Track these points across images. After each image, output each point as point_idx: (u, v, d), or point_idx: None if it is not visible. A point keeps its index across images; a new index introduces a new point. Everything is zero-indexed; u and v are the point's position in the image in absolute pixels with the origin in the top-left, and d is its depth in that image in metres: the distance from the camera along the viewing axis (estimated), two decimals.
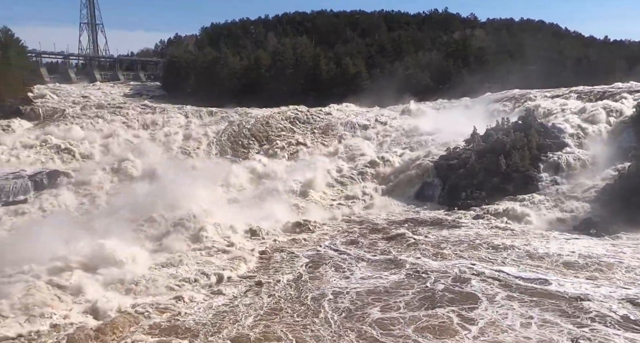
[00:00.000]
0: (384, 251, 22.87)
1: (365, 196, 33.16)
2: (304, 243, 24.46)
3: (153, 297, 17.58)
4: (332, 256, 22.33)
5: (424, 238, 24.47)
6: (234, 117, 48.56)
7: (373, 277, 19.70)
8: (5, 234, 25.37)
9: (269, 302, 17.44)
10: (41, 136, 41.05)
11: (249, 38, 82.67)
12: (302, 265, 21.29)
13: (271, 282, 19.34)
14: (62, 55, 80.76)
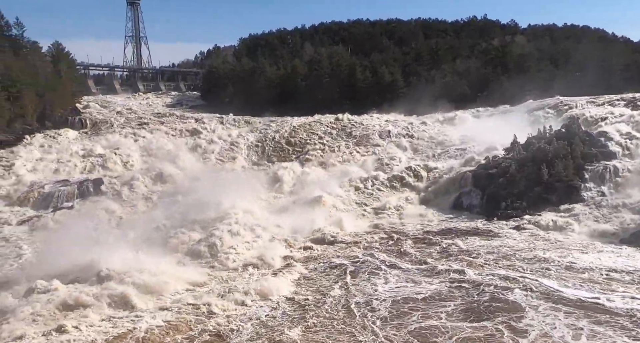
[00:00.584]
0: (420, 260, 22.43)
1: (401, 205, 32.70)
2: (338, 252, 24.34)
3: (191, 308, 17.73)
4: (368, 265, 22.08)
5: (463, 248, 23.86)
6: (270, 125, 49.22)
7: (410, 286, 19.37)
8: (52, 240, 26.44)
9: (308, 310, 17.38)
10: (87, 145, 42.86)
11: (285, 48, 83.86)
12: (338, 273, 21.18)
13: (309, 291, 19.32)
14: (108, 67, 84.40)
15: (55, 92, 48.99)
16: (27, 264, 22.28)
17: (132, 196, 34.41)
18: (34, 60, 50.96)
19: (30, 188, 34.61)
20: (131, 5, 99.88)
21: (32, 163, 38.52)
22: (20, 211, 32.17)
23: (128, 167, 40.33)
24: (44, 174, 37.47)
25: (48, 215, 30.62)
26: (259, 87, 62.09)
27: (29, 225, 29.65)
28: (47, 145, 41.99)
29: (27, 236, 27.69)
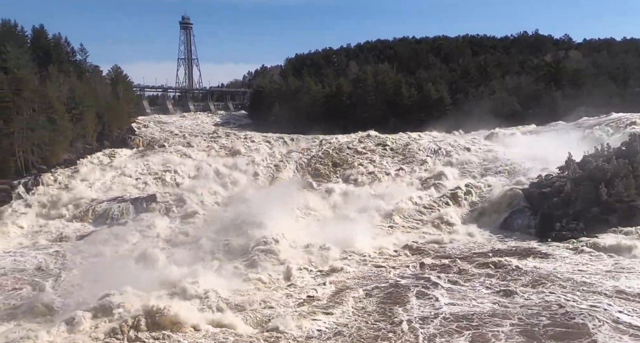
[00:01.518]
0: (470, 280, 21.82)
1: (448, 224, 31.96)
2: (386, 269, 24.04)
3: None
4: (415, 283, 21.71)
5: (516, 269, 22.96)
6: (316, 143, 49.67)
7: (462, 305, 18.91)
8: (110, 255, 27.68)
9: (357, 327, 17.25)
10: (141, 163, 44.77)
11: (330, 67, 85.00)
12: (384, 291, 20.89)
13: (357, 307, 19.18)
14: (162, 88, 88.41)
15: (114, 112, 51.83)
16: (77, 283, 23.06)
17: (182, 213, 35.44)
18: (95, 83, 54.30)
19: (89, 204, 36.47)
20: (184, 29, 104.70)
21: (91, 180, 40.61)
22: (79, 227, 33.90)
23: (178, 185, 41.68)
24: (101, 191, 39.39)
25: (105, 231, 32.07)
26: (304, 105, 63.05)
27: (86, 240, 31.11)
28: (105, 164, 44.20)
29: (83, 251, 29.04)
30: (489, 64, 67.27)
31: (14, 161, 39.25)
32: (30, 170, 39.97)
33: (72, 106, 45.24)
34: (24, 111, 40.32)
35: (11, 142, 39.34)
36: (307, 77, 72.37)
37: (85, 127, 46.61)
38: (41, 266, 26.20)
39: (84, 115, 46.34)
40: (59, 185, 38.86)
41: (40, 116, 41.07)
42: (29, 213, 35.21)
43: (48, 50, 53.81)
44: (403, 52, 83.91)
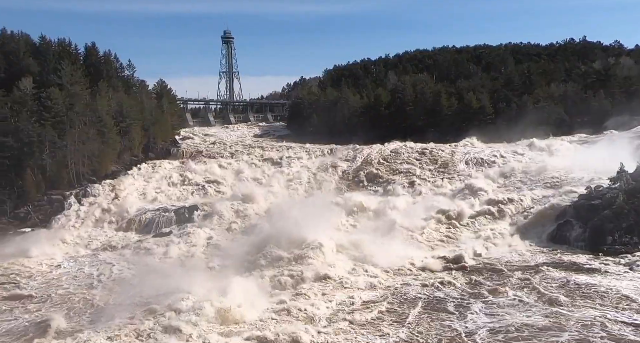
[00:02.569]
0: (517, 294, 21.33)
1: (491, 236, 31.05)
2: (425, 281, 23.71)
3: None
4: (459, 296, 21.36)
5: (565, 283, 22.07)
6: (354, 154, 49.57)
7: (510, 318, 18.58)
8: (156, 263, 28.54)
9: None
10: (184, 174, 45.98)
11: (369, 77, 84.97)
12: (424, 304, 20.63)
13: (401, 321, 19.00)
14: (204, 101, 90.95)
15: (158, 125, 53.67)
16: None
17: (222, 223, 36.07)
18: (141, 97, 56.42)
19: (134, 214, 37.76)
20: (226, 43, 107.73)
21: (137, 191, 42.05)
22: (125, 236, 35.12)
23: (220, 195, 42.53)
24: (146, 201, 40.70)
25: (150, 240, 33.08)
26: (342, 116, 63.23)
27: (132, 249, 32.18)
28: (150, 175, 45.67)
29: (130, 259, 30.08)
30: (533, 72, 65.40)
31: (67, 173, 41.25)
32: (82, 181, 41.85)
33: (120, 119, 47.19)
34: (77, 125, 42.40)
35: (64, 154, 41.41)
36: (345, 87, 72.63)
37: (132, 139, 48.46)
38: (92, 273, 27.33)
39: (130, 128, 48.23)
40: (107, 195, 40.42)
41: (91, 129, 43.06)
42: (80, 223, 36.82)
43: (99, 67, 56.42)
44: (443, 62, 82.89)
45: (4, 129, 40.44)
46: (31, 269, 28.07)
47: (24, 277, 26.82)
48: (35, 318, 20.66)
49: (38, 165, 39.86)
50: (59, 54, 52.82)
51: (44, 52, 52.88)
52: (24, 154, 39.45)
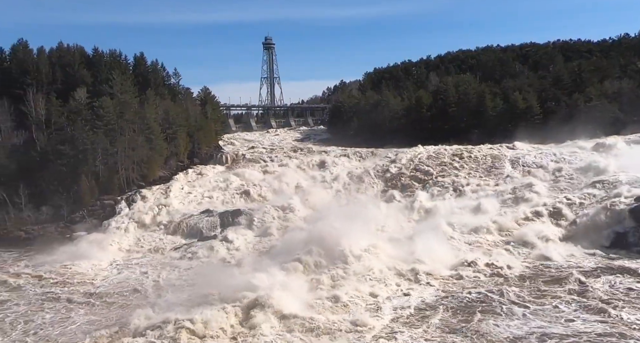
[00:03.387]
0: (571, 300, 20.71)
1: (539, 241, 29.89)
2: (475, 285, 23.30)
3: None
4: (502, 302, 20.87)
5: (621, 290, 21.10)
6: (395, 156, 49.05)
7: (557, 325, 18.13)
8: (200, 265, 29.34)
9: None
10: (227, 179, 46.94)
11: (410, 79, 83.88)
12: (475, 308, 20.27)
13: (446, 328, 18.69)
14: (246, 107, 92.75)
15: (203, 131, 55.12)
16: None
17: (265, 227, 36.56)
18: (187, 104, 58.19)
19: (181, 218, 38.91)
20: (267, 49, 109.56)
21: (183, 196, 43.32)
22: (172, 239, 36.26)
23: (262, 199, 43.14)
24: (192, 206, 41.86)
25: (196, 244, 33.99)
26: (383, 119, 62.73)
27: (179, 252, 33.19)
28: (195, 180, 46.95)
29: (176, 262, 31.04)
30: (584, 70, 62.45)
31: (118, 178, 43.11)
32: (131, 187, 43.62)
33: (166, 126, 48.85)
34: (126, 132, 44.26)
35: (115, 160, 43.33)
36: (385, 90, 72.04)
37: (178, 145, 50.01)
38: (142, 275, 28.49)
39: (176, 134, 49.81)
40: (155, 200, 41.86)
41: (140, 136, 44.82)
42: (130, 227, 38.28)
43: (147, 76, 58.68)
44: (487, 61, 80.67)
45: (61, 138, 42.84)
46: (87, 272, 29.45)
47: (84, 278, 28.19)
48: (106, 314, 21.97)
49: (92, 171, 41.88)
50: (110, 65, 55.39)
51: (96, 63, 55.63)
52: (79, 161, 41.60)
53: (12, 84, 49.52)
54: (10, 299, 24.95)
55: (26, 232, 38.05)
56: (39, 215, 39.24)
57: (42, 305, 23.89)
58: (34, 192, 39.86)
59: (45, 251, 33.42)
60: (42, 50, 55.34)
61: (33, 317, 22.19)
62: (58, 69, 53.33)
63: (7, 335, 20.37)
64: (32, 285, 27.07)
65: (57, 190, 40.44)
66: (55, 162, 41.31)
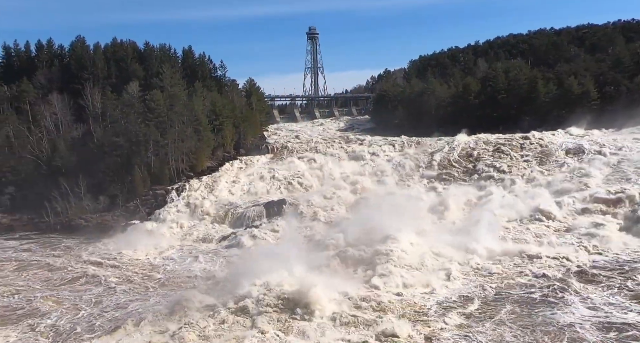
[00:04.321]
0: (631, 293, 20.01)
1: (597, 232, 28.45)
2: (530, 278, 22.83)
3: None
4: (560, 293, 20.52)
5: None
6: (441, 146, 48.06)
7: (614, 317, 17.68)
8: (247, 253, 30.08)
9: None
10: (272, 169, 47.65)
11: (457, 66, 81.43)
12: (532, 300, 19.88)
13: (506, 319, 18.50)
14: (290, 97, 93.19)
15: (248, 122, 56.07)
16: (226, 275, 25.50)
17: (309, 217, 36.86)
18: (232, 96, 59.31)
19: (228, 208, 39.92)
20: (311, 39, 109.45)
21: (229, 186, 44.40)
22: (220, 228, 37.30)
23: (306, 189, 43.51)
24: (238, 196, 42.84)
25: (242, 233, 34.82)
26: (428, 107, 61.39)
27: (227, 241, 34.14)
28: (241, 170, 47.94)
29: (223, 251, 31.96)
30: None
31: (168, 169, 44.70)
32: (181, 177, 45.13)
33: (213, 118, 50.04)
34: (176, 124, 45.71)
35: (166, 152, 44.91)
36: (431, 78, 70.36)
37: (224, 136, 51.14)
38: (193, 263, 29.64)
39: (223, 125, 50.93)
40: (203, 190, 43.16)
41: (188, 128, 46.19)
42: (180, 216, 39.69)
43: (194, 68, 60.26)
44: (539, 46, 76.97)
45: (116, 130, 44.88)
46: (142, 258, 30.92)
47: (139, 265, 29.65)
48: (162, 297, 23.23)
49: (144, 162, 43.65)
50: (161, 58, 57.30)
51: (147, 58, 57.71)
52: (132, 152, 43.45)
53: (71, 79, 52.35)
54: (73, 283, 26.68)
55: (85, 220, 40.33)
56: (97, 204, 41.42)
57: (103, 289, 25.41)
58: (92, 182, 42.05)
59: (103, 238, 35.39)
60: (98, 46, 58.14)
61: (100, 299, 23.78)
62: (112, 63, 55.78)
63: (80, 312, 22.11)
64: (93, 270, 28.76)
65: (113, 180, 42.48)
66: (110, 154, 43.38)
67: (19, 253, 33.96)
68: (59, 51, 59.05)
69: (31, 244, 36.39)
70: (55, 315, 21.81)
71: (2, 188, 44.01)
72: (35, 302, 23.70)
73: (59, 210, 40.87)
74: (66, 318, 21.50)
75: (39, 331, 20.19)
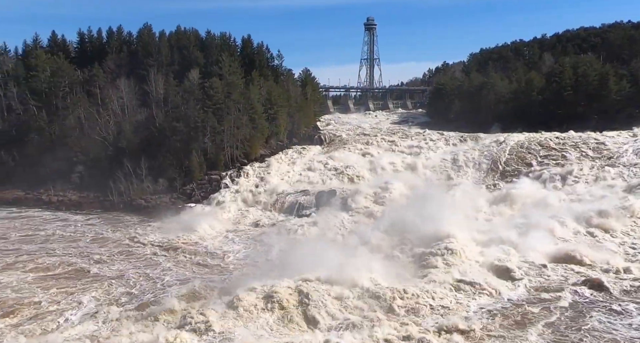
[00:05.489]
0: None
1: None
2: (581, 282, 21.95)
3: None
4: (616, 301, 19.34)
5: None
6: (499, 142, 46.37)
7: None
8: (295, 242, 30.59)
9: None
10: (323, 159, 47.85)
11: (520, 60, 77.89)
12: (578, 308, 19.10)
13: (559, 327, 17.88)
14: (344, 88, 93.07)
15: (302, 112, 56.57)
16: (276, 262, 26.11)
17: (359, 208, 36.84)
18: (288, 86, 59.98)
19: (279, 196, 40.65)
20: (368, 30, 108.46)
21: (281, 174, 45.13)
22: (270, 215, 38.10)
23: (357, 181, 43.43)
24: (289, 184, 43.48)
25: (292, 221, 35.39)
26: (487, 102, 59.32)
27: (277, 228, 34.82)
28: (294, 159, 48.54)
29: (274, 237, 32.64)
30: None
31: (223, 155, 46.05)
32: (235, 164, 46.37)
33: (268, 106, 50.88)
34: (232, 111, 46.89)
35: (222, 138, 46.24)
36: (492, 72, 67.77)
37: (278, 125, 51.92)
38: (245, 246, 30.70)
39: (277, 114, 51.70)
40: (256, 177, 44.15)
41: (244, 116, 47.25)
42: (233, 201, 40.88)
43: (252, 57, 61.36)
44: (614, 40, 71.92)
45: (176, 115, 46.71)
46: (198, 240, 32.23)
47: (195, 246, 31.01)
48: (217, 277, 24.46)
49: (201, 148, 45.20)
50: (221, 47, 58.79)
51: (208, 46, 59.41)
52: (191, 137, 45.10)
53: (137, 65, 54.86)
54: (133, 257, 28.30)
55: (146, 201, 42.42)
56: (156, 186, 43.44)
57: (163, 266, 26.96)
58: (152, 165, 44.10)
59: (162, 219, 37.16)
60: (163, 33, 60.53)
61: (159, 275, 25.33)
62: (175, 51, 57.87)
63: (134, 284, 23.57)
64: (152, 247, 30.50)
65: (172, 164, 44.32)
66: (170, 138, 45.24)
67: (87, 227, 36.54)
68: (128, 38, 62.00)
69: (96, 220, 38.88)
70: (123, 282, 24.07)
71: (73, 167, 47.03)
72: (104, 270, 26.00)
73: (122, 190, 43.20)
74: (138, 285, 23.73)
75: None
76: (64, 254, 29.24)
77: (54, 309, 21.06)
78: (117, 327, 18.51)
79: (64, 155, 47.06)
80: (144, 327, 18.20)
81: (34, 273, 25.76)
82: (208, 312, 18.56)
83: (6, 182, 46.72)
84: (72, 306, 21.30)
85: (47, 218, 39.32)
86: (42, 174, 46.33)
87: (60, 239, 32.95)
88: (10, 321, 19.88)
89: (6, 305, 21.42)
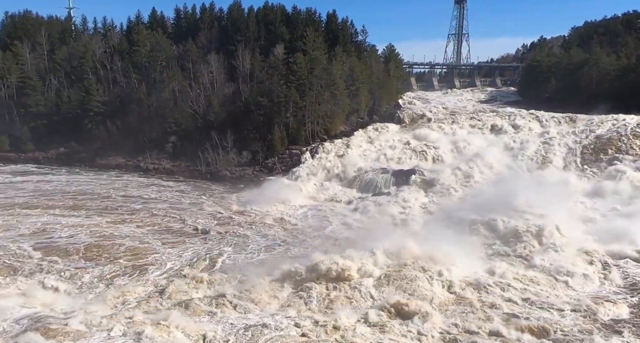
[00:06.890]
0: None
1: None
2: None
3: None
4: None
5: None
6: (599, 124, 42.54)
7: None
8: (371, 219, 30.64)
9: None
10: (404, 138, 46.86)
11: (632, 34, 69.96)
12: None
13: None
14: (429, 65, 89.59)
15: (384, 89, 55.55)
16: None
17: (439, 188, 35.94)
18: (370, 62, 58.99)
19: (357, 173, 40.73)
20: (458, 3, 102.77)
21: (361, 152, 45.00)
22: (348, 192, 38.36)
23: (438, 161, 42.23)
24: (368, 162, 43.27)
25: (369, 199, 35.40)
26: (589, 81, 54.40)
27: (354, 204, 35.04)
28: (373, 137, 48.10)
29: (351, 214, 32.91)
30: None
31: (304, 130, 46.84)
32: (315, 139, 47.02)
33: (350, 83, 50.58)
34: (315, 87, 47.26)
35: (304, 114, 46.95)
36: (597, 47, 61.63)
37: (359, 102, 51.54)
38: (322, 221, 31.38)
39: (359, 91, 51.29)
40: (335, 153, 44.45)
41: (326, 92, 47.46)
42: (312, 176, 41.66)
43: (336, 33, 60.98)
44: None
45: (260, 90, 48.09)
46: (280, 212, 33.41)
47: (277, 217, 32.20)
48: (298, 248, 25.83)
49: (283, 122, 46.33)
50: (306, 22, 59.02)
51: (294, 21, 59.94)
52: (273, 112, 46.33)
53: (227, 41, 56.93)
54: (218, 227, 30.17)
55: (230, 172, 44.64)
56: (240, 159, 45.44)
57: (247, 236, 28.32)
58: (237, 138, 46.07)
59: (245, 190, 38.94)
60: (251, 9, 62.02)
61: (241, 244, 26.70)
62: (262, 26, 59.12)
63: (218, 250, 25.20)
64: (236, 217, 32.16)
65: (255, 137, 46.00)
66: (255, 112, 46.80)
67: (179, 193, 39.24)
68: (219, 14, 64.33)
69: (186, 187, 41.63)
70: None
71: (167, 137, 50.48)
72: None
73: (209, 161, 45.72)
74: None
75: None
76: (165, 215, 32.24)
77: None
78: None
79: (159, 126, 50.64)
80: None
81: (149, 227, 29.15)
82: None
83: (110, 149, 51.42)
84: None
85: (143, 182, 42.94)
86: (141, 143, 50.36)
87: (161, 201, 35.82)
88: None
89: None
